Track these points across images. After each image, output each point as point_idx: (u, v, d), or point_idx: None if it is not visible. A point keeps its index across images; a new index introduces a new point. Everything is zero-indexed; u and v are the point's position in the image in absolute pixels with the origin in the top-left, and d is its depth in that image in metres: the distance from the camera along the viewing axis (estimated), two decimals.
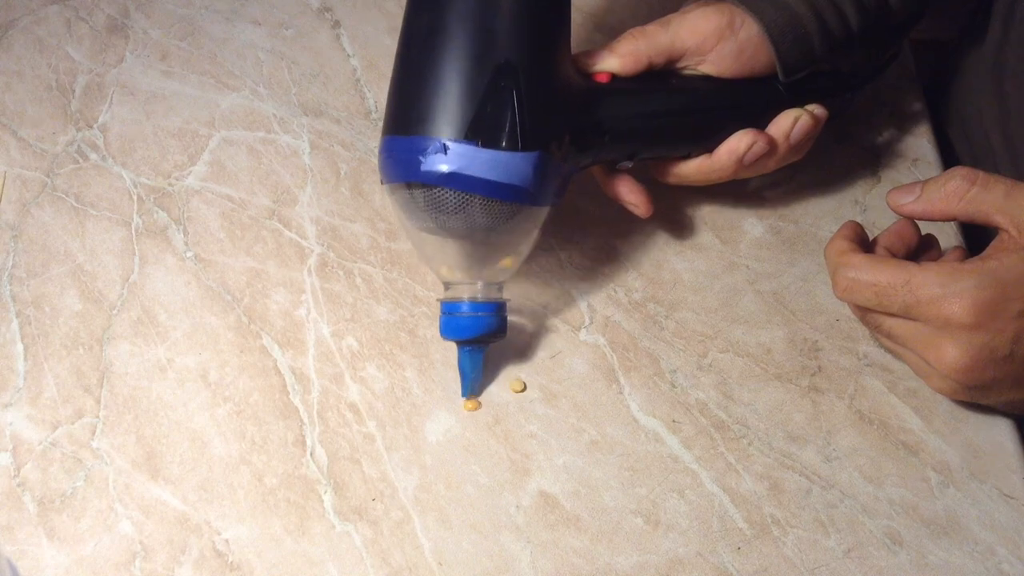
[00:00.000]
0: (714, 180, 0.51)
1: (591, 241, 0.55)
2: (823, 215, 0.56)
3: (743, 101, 0.51)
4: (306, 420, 0.48)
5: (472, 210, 0.44)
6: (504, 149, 0.43)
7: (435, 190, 0.43)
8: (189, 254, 0.54)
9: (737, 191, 0.56)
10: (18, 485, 0.46)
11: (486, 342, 0.48)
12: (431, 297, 0.52)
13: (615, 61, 0.48)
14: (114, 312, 0.52)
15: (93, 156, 0.57)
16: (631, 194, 0.50)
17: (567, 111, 0.46)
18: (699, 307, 0.53)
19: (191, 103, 0.60)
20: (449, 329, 0.48)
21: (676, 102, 0.50)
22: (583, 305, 0.52)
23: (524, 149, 0.43)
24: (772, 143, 0.50)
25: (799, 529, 0.46)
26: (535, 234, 0.48)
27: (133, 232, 0.54)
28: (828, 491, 0.47)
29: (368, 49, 0.62)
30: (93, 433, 0.48)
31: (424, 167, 0.43)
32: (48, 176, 0.56)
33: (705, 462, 0.48)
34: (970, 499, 0.46)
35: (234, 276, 0.53)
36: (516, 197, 0.44)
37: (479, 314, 0.47)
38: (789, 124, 0.50)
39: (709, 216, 0.56)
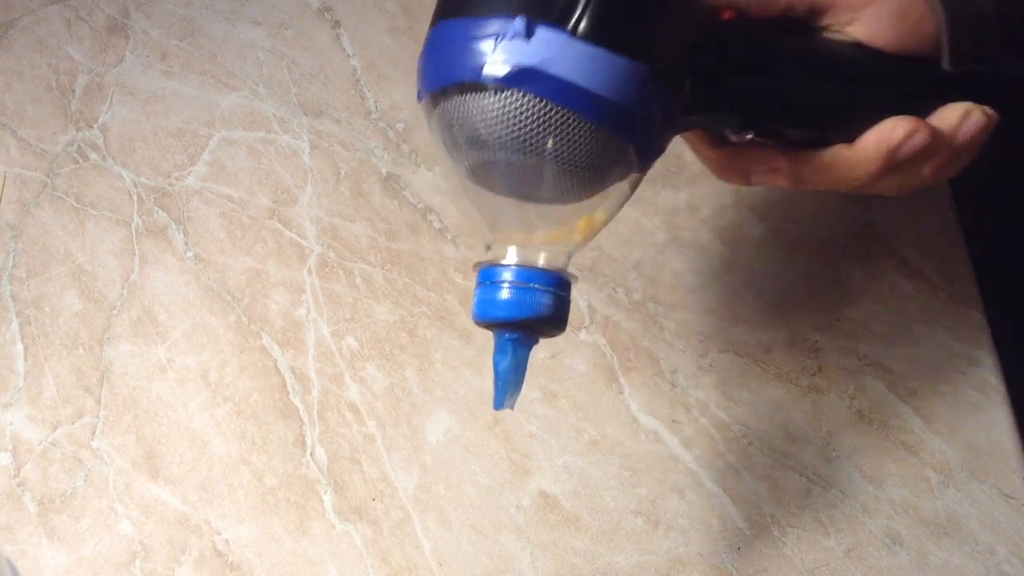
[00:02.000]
0: (851, 182, 0.39)
1: (591, 241, 0.55)
2: (823, 215, 0.56)
3: (897, 81, 0.39)
4: (306, 420, 0.48)
5: (549, 132, 0.31)
6: (609, 48, 0.30)
7: (501, 96, 0.30)
8: (189, 254, 0.54)
9: (737, 189, 0.56)
10: (18, 485, 0.46)
11: (539, 332, 0.35)
12: (431, 297, 0.52)
13: None
14: (114, 312, 0.52)
15: (93, 156, 0.57)
16: (764, 162, 0.38)
17: (690, 29, 0.34)
18: (699, 307, 0.52)
19: (191, 103, 0.60)
20: (487, 306, 0.34)
21: (815, 64, 0.38)
22: (583, 305, 0.52)
23: (635, 57, 0.30)
24: (936, 136, 0.38)
25: (799, 529, 0.46)
26: (625, 193, 0.35)
27: (133, 232, 0.54)
28: (828, 491, 0.47)
29: (368, 49, 0.62)
30: (93, 433, 0.48)
31: (491, 59, 0.30)
32: (48, 176, 0.56)
33: (705, 462, 0.48)
34: (970, 499, 0.46)
35: (234, 276, 0.53)
36: (614, 123, 0.31)
37: (535, 287, 0.34)
38: (957, 117, 0.38)
39: (709, 216, 0.56)
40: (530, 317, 0.34)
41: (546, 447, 0.48)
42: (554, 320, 0.34)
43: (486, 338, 0.51)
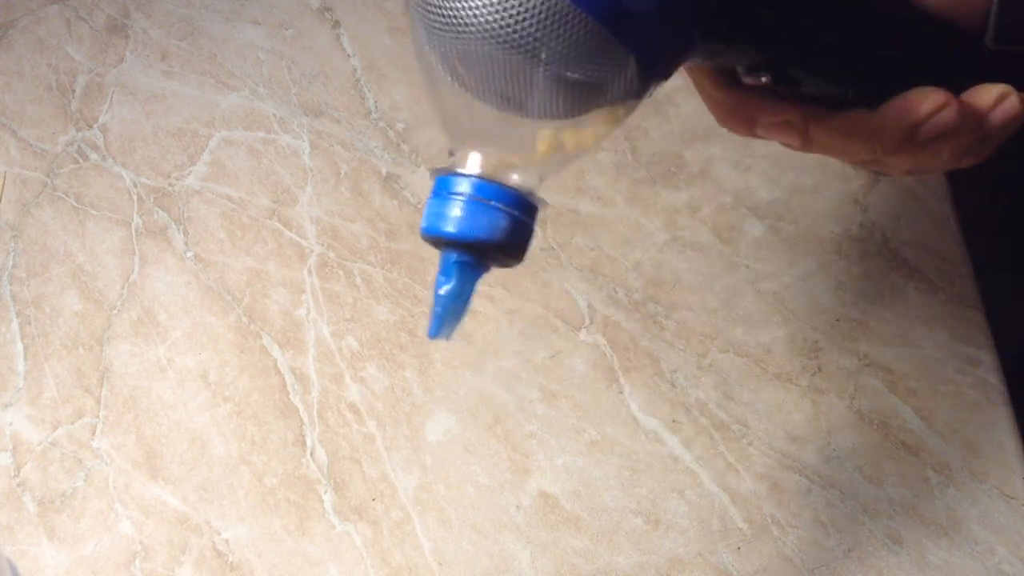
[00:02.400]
0: (863, 152, 0.36)
1: (591, 241, 0.55)
2: (823, 215, 0.56)
3: (935, 48, 0.35)
4: (306, 420, 0.48)
5: (540, 24, 0.26)
6: None
7: None
8: (189, 254, 0.54)
9: (737, 189, 0.56)
10: (18, 485, 0.46)
11: (491, 258, 0.30)
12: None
13: None
14: (114, 312, 0.52)
15: (93, 156, 0.57)
16: (776, 112, 0.35)
17: None
18: (699, 307, 0.52)
19: (191, 103, 0.60)
20: (436, 220, 0.29)
21: (854, 10, 0.34)
22: (583, 305, 0.52)
23: None
24: (965, 115, 0.34)
25: (799, 529, 0.46)
26: (616, 116, 0.30)
27: (133, 232, 0.54)
28: (828, 491, 0.47)
29: (368, 49, 0.62)
30: (93, 433, 0.48)
31: None
32: (48, 176, 0.56)
33: (705, 462, 0.48)
34: (970, 499, 0.46)
35: (234, 276, 0.53)
36: (620, 25, 0.27)
37: (494, 205, 0.29)
38: (991, 99, 0.34)
39: (709, 216, 0.56)
40: (482, 239, 0.29)
41: (546, 447, 0.48)
42: (509, 247, 0.29)
43: (486, 338, 0.51)
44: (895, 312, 0.51)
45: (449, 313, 0.31)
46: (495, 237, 0.29)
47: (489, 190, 0.29)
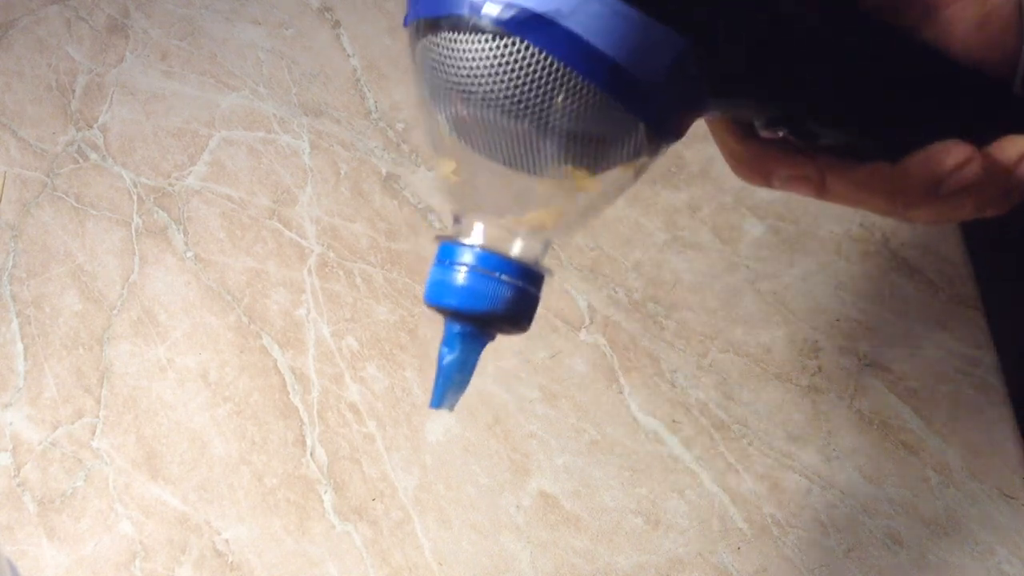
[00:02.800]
0: (883, 205, 0.34)
1: (591, 241, 0.55)
2: (823, 215, 0.56)
3: (961, 97, 0.34)
4: (306, 420, 0.48)
5: (549, 96, 0.26)
6: (643, 9, 0.25)
7: (498, 42, 0.25)
8: (189, 254, 0.54)
9: (737, 189, 0.56)
10: (18, 485, 0.46)
11: (496, 328, 0.30)
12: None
13: None
14: (114, 312, 0.52)
15: (93, 156, 0.57)
16: (793, 166, 0.34)
17: (747, 14, 0.28)
18: (699, 307, 0.52)
19: (191, 103, 0.60)
20: (440, 290, 0.29)
21: (874, 58, 0.32)
22: (583, 305, 0.52)
23: (673, 26, 0.25)
24: (990, 169, 0.33)
25: (799, 529, 0.46)
26: (627, 177, 0.30)
27: (133, 232, 0.54)
28: (828, 491, 0.47)
29: (368, 49, 0.62)
30: (93, 433, 0.48)
31: None
32: (48, 176, 0.56)
33: (705, 462, 0.48)
34: (970, 499, 0.46)
35: (234, 276, 0.53)
36: (630, 97, 0.26)
37: (499, 276, 0.29)
38: (1017, 154, 0.33)
39: (709, 216, 0.56)
40: (486, 311, 0.29)
41: (546, 447, 0.48)
42: (514, 318, 0.29)
43: None
44: (895, 312, 0.51)
45: (453, 383, 0.30)
46: (499, 309, 0.29)
47: (493, 261, 0.29)
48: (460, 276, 0.29)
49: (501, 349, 0.50)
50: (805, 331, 0.52)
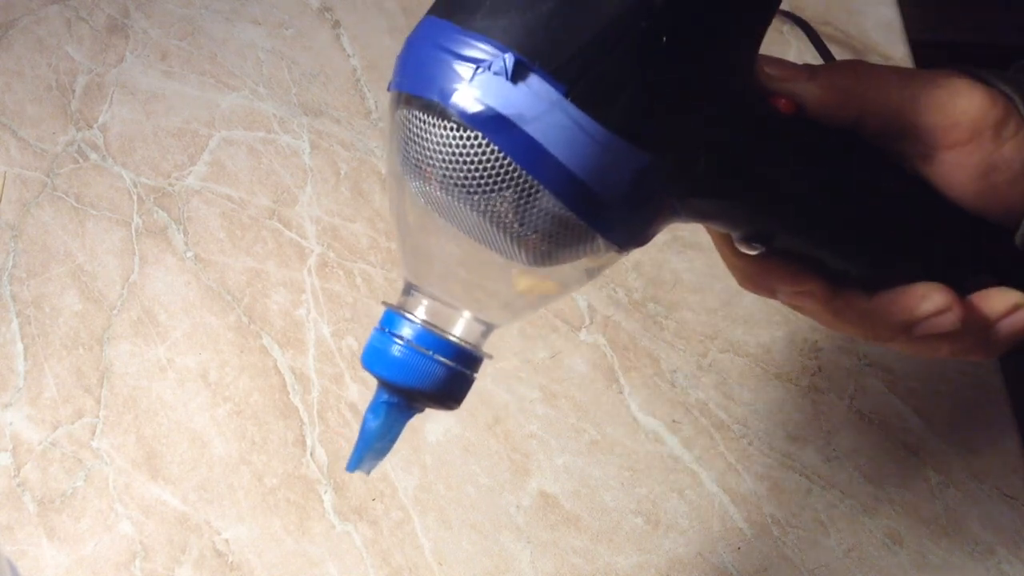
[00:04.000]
0: (857, 334, 0.34)
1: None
2: None
3: (954, 240, 0.33)
4: (306, 420, 0.48)
5: (504, 194, 0.26)
6: (606, 125, 0.25)
7: (462, 132, 0.25)
8: (189, 254, 0.54)
9: None
10: (18, 485, 0.46)
11: (423, 404, 0.30)
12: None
13: (813, 91, 0.30)
14: (114, 312, 0.52)
15: (93, 156, 0.57)
16: (792, 279, 0.33)
17: (719, 121, 0.28)
18: (699, 307, 0.52)
19: (191, 103, 0.60)
20: (374, 357, 0.30)
21: (863, 191, 0.32)
22: (583, 305, 0.52)
23: (636, 143, 0.25)
24: (970, 321, 0.32)
25: (799, 529, 0.46)
26: (582, 279, 0.30)
27: (133, 232, 0.54)
28: (828, 491, 0.47)
29: (368, 49, 0.62)
30: (93, 433, 0.48)
31: (464, 88, 0.25)
32: (48, 176, 0.56)
33: (705, 462, 0.48)
34: (970, 499, 0.46)
35: (234, 276, 0.53)
36: (586, 210, 0.26)
37: (434, 356, 0.29)
38: (1004, 307, 0.32)
39: None
40: (414, 387, 0.29)
41: (546, 447, 0.48)
42: (442, 397, 0.30)
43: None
44: None
45: (372, 450, 0.30)
46: (427, 387, 0.29)
47: (430, 340, 0.29)
48: (396, 348, 0.29)
49: (501, 349, 0.50)
50: (805, 331, 0.52)
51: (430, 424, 0.48)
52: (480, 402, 0.49)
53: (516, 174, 0.25)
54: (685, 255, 0.54)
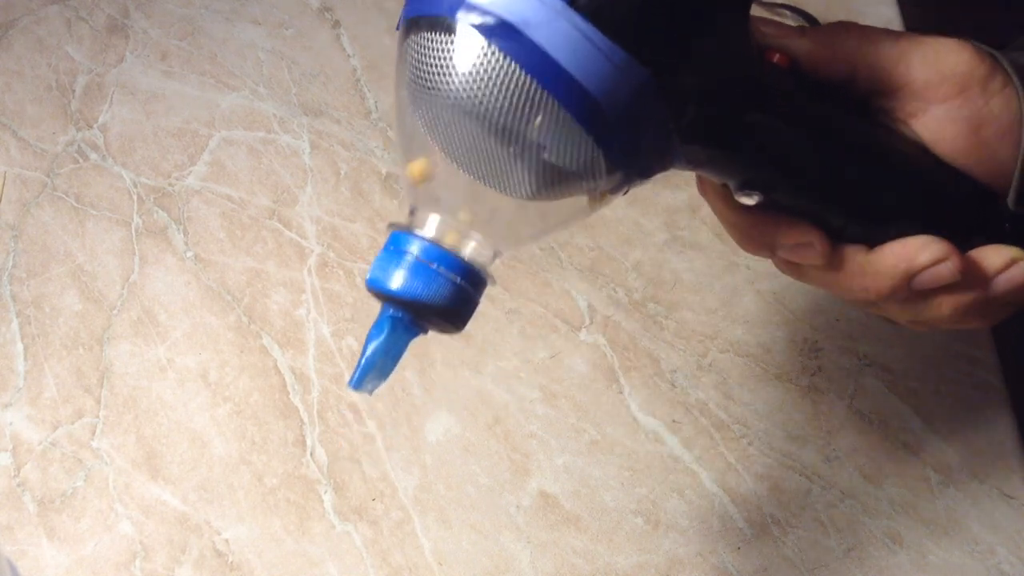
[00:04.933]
0: (856, 292, 0.33)
1: (591, 241, 0.55)
2: None
3: (947, 199, 0.33)
4: (306, 420, 0.48)
5: (509, 104, 0.26)
6: (607, 34, 0.26)
7: (469, 43, 0.26)
8: (189, 254, 0.54)
9: None
10: (18, 485, 0.46)
11: (428, 321, 0.30)
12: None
13: (806, 44, 0.32)
14: (114, 312, 0.52)
15: (93, 156, 0.57)
16: (793, 232, 0.33)
17: (715, 56, 0.28)
18: (699, 307, 0.52)
19: (191, 103, 0.60)
20: (380, 273, 0.30)
21: (854, 145, 0.33)
22: (583, 305, 0.52)
23: (636, 56, 0.26)
24: (968, 273, 0.32)
25: (799, 529, 0.46)
26: (582, 208, 0.30)
27: (133, 232, 0.54)
28: (828, 491, 0.47)
29: (368, 49, 0.62)
30: (93, 433, 0.48)
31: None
32: (48, 176, 0.56)
33: (705, 462, 0.48)
34: (970, 499, 0.46)
35: (234, 276, 0.53)
36: (590, 120, 0.26)
37: (440, 269, 0.29)
38: (1001, 262, 0.32)
39: (709, 216, 0.56)
40: (422, 300, 0.29)
41: (546, 447, 0.48)
42: (448, 313, 0.29)
43: (486, 338, 0.51)
44: None
45: (375, 367, 0.30)
46: (434, 300, 0.29)
47: (438, 254, 0.29)
48: (402, 263, 0.29)
49: (501, 349, 0.50)
50: (805, 331, 0.52)
51: (430, 424, 0.48)
52: (480, 402, 0.49)
53: (521, 80, 0.26)
54: (685, 255, 0.54)
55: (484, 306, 0.52)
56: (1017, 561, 0.45)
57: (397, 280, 0.29)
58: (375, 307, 0.53)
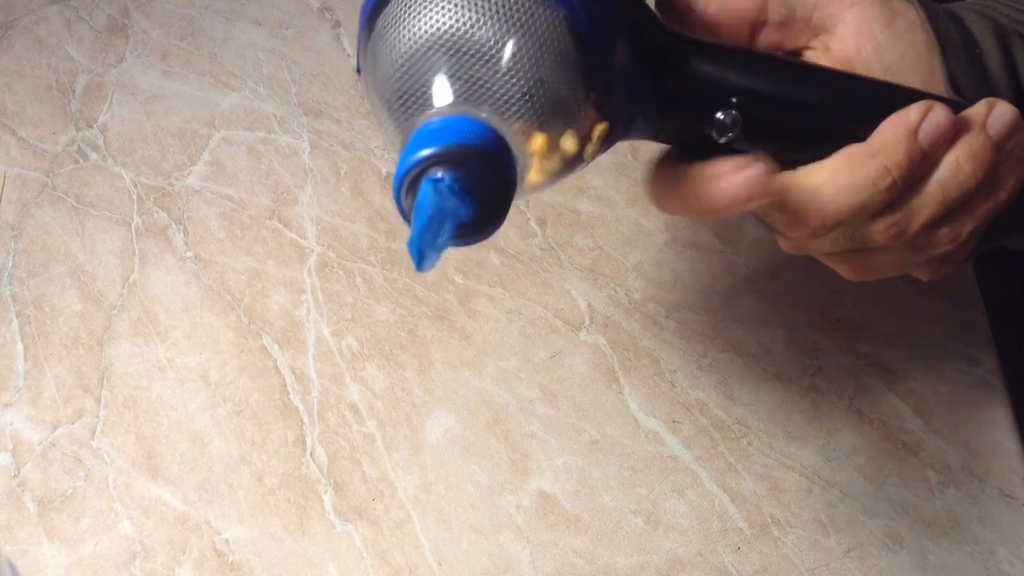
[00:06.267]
0: (863, 190, 0.32)
1: (591, 241, 0.55)
2: None
3: (884, 109, 0.33)
4: (306, 420, 0.48)
5: None
6: None
7: None
8: (189, 254, 0.54)
9: None
10: (18, 485, 0.46)
11: (467, 170, 0.26)
12: (431, 297, 0.52)
13: None
14: (114, 312, 0.52)
15: (93, 156, 0.57)
16: (742, 161, 0.33)
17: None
18: (699, 307, 0.52)
19: (191, 103, 0.60)
20: (424, 140, 0.26)
21: (805, 67, 0.35)
22: (583, 305, 0.52)
23: None
24: (961, 122, 0.33)
25: (799, 529, 0.46)
26: (568, 155, 0.30)
27: (133, 232, 0.54)
28: (828, 491, 0.47)
29: None
30: (93, 433, 0.48)
31: None
32: (48, 176, 0.56)
33: (705, 462, 0.48)
34: (970, 499, 0.46)
35: (234, 276, 0.53)
36: (581, 22, 0.29)
37: (473, 119, 0.27)
38: (983, 107, 0.33)
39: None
40: (457, 143, 0.26)
41: (546, 447, 0.48)
42: (487, 157, 0.26)
43: (486, 338, 0.51)
44: (895, 312, 0.52)
45: (424, 240, 0.27)
46: (472, 141, 0.26)
47: (467, 121, 0.27)
48: (447, 122, 0.27)
49: (501, 349, 0.50)
50: (805, 331, 0.52)
51: (430, 424, 0.48)
52: (480, 402, 0.49)
53: None
54: (685, 255, 0.54)
55: (484, 306, 0.52)
56: (1017, 561, 0.45)
57: (431, 140, 0.26)
58: (375, 307, 0.53)
